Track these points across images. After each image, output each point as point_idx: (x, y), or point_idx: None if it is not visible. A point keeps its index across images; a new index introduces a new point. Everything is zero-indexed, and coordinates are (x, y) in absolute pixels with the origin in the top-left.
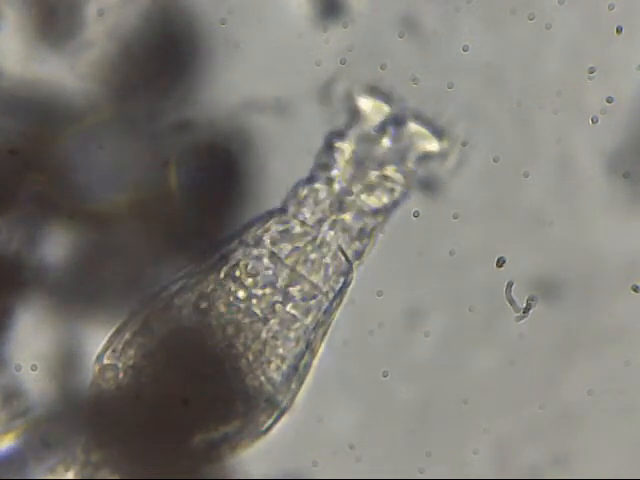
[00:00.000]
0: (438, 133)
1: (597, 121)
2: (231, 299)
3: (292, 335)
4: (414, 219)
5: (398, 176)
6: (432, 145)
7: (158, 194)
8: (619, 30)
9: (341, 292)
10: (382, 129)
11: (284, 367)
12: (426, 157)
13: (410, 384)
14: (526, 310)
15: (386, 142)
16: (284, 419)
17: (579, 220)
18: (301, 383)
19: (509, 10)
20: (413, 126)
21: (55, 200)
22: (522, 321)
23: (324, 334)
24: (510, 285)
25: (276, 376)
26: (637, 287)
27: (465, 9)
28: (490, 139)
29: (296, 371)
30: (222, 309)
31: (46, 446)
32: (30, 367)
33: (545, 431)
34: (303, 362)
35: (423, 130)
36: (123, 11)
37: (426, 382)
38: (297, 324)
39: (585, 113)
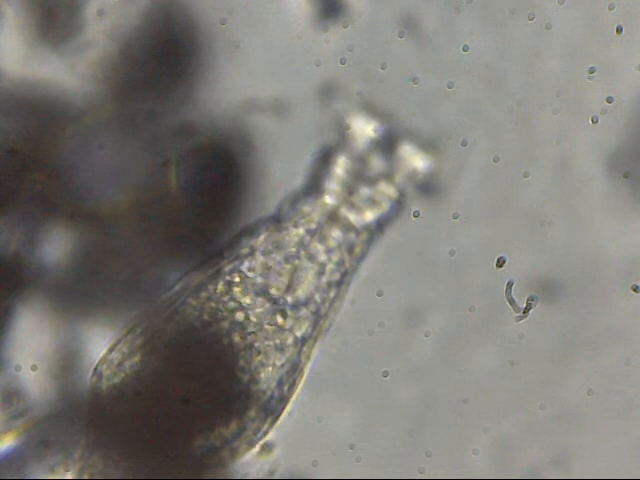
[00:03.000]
0: (427, 151)
1: (597, 121)
2: (226, 308)
3: (285, 344)
4: (414, 219)
5: (388, 192)
6: (421, 164)
7: (158, 194)
8: (619, 30)
9: (335, 301)
10: (373, 147)
11: (277, 375)
12: (415, 174)
13: (410, 384)
14: (526, 310)
15: (376, 160)
16: (280, 423)
17: (579, 220)
18: (294, 390)
19: (509, 10)
20: (402, 145)
21: (55, 200)
22: (522, 321)
23: (317, 342)
24: (510, 285)
25: (269, 384)
26: (637, 287)
27: (465, 9)
28: (490, 139)
29: (289, 379)
30: (218, 318)
31: (46, 446)
32: (30, 367)
33: (545, 431)
34: (296, 370)
35: (412, 149)
36: (123, 11)
37: (426, 382)
38: (290, 333)
39: (585, 113)
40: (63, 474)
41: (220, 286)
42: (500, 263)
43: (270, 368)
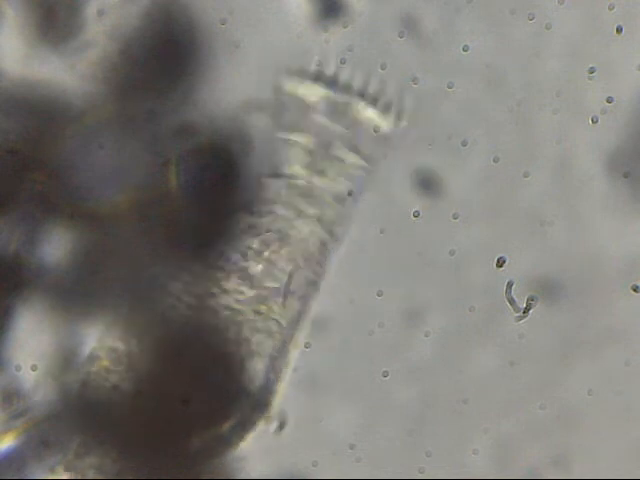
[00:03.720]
0: (384, 109)
1: (597, 121)
2: (215, 296)
3: (271, 331)
4: (414, 219)
5: (352, 158)
6: (380, 121)
7: (158, 194)
8: (619, 30)
9: (318, 282)
10: (328, 114)
11: (263, 364)
12: (376, 134)
13: (410, 384)
14: (526, 310)
15: (334, 126)
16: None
17: (579, 220)
18: (280, 378)
19: (509, 10)
20: (358, 105)
21: (55, 200)
22: (522, 321)
23: (301, 326)
24: (510, 285)
25: (257, 373)
26: (637, 287)
27: (465, 9)
28: (490, 139)
29: (275, 366)
30: (208, 306)
31: (46, 446)
32: (30, 367)
33: (545, 431)
34: (282, 356)
35: (368, 108)
36: (123, 11)
37: (426, 382)
38: (275, 320)
39: (585, 113)
40: (63, 474)
41: (208, 274)
42: (500, 263)
43: (258, 357)
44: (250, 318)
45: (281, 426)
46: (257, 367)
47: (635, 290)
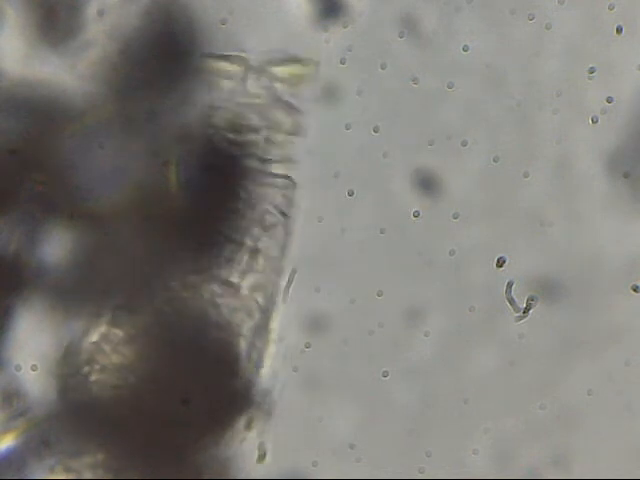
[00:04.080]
0: (297, 61)
1: (597, 121)
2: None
3: (249, 309)
4: (414, 219)
5: (284, 119)
6: (298, 71)
7: (158, 194)
8: (619, 30)
9: (283, 251)
10: (250, 84)
11: (245, 344)
12: (299, 85)
13: (410, 384)
14: (526, 310)
15: (259, 92)
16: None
17: (579, 220)
18: (263, 358)
19: (509, 10)
20: (273, 68)
21: (55, 200)
22: (522, 321)
23: (273, 304)
24: (510, 285)
25: (241, 353)
26: (637, 287)
27: (465, 9)
28: (490, 139)
29: (257, 346)
30: (182, 295)
31: (46, 446)
32: (30, 367)
33: (545, 431)
34: (263, 335)
35: (284, 66)
36: (123, 11)
37: (426, 382)
38: (250, 297)
39: (585, 113)
40: (63, 474)
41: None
42: (500, 263)
43: (241, 340)
44: (230, 302)
45: (261, 457)
46: (241, 347)
47: (635, 290)
